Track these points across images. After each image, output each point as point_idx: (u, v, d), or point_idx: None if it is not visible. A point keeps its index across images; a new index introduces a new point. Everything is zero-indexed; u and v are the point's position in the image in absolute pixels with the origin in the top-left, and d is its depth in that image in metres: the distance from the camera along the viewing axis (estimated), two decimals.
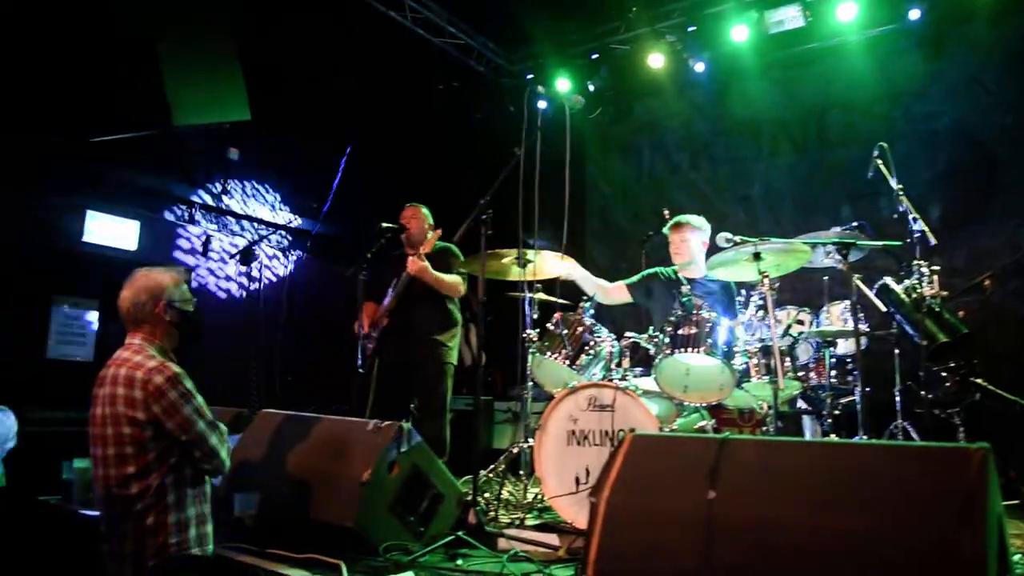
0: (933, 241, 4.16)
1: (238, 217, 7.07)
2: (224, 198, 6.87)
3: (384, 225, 4.80)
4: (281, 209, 7.45)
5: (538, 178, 3.67)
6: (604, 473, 2.25)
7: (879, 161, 4.36)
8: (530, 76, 8.00)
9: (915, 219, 4.20)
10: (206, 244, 6.58)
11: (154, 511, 2.60)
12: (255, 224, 7.21)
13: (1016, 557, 3.08)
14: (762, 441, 2.22)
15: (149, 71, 5.41)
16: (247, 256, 6.64)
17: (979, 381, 5.18)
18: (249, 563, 2.91)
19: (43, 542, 3.73)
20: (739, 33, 6.85)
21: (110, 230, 6.03)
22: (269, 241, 7.22)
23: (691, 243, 4.67)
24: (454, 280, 4.70)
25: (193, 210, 6.69)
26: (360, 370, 4.64)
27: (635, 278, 4.87)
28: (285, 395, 7.02)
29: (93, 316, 5.90)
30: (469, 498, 3.46)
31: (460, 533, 3.22)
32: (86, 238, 5.89)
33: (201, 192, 6.70)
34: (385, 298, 4.91)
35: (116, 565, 2.63)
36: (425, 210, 5.01)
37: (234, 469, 3.01)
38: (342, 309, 5.56)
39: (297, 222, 7.54)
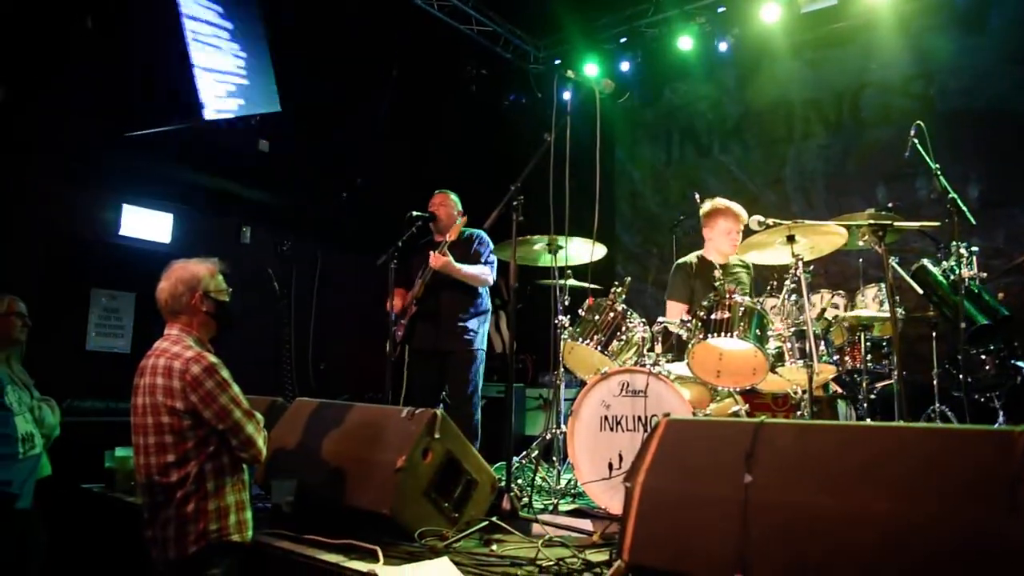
0: (972, 222, 4.06)
1: (270, 207, 7.13)
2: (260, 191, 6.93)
3: (414, 214, 4.82)
4: (313, 198, 7.50)
5: (568, 164, 3.65)
6: (639, 457, 2.25)
7: (916, 141, 4.26)
8: (558, 61, 7.96)
9: (953, 199, 4.10)
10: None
11: (194, 498, 2.65)
12: (290, 214, 7.27)
13: None
14: (799, 425, 2.19)
15: (179, 65, 5.49)
16: (281, 248, 6.75)
17: (1020, 364, 5.07)
18: (287, 549, 2.96)
19: (88, 529, 3.84)
20: (770, 13, 6.74)
21: (145, 223, 6.14)
22: (301, 230, 7.28)
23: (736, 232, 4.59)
24: (479, 271, 4.69)
25: (226, 202, 6.77)
26: (391, 358, 4.68)
27: (679, 292, 4.67)
28: (319, 383, 7.12)
29: (130, 308, 6.01)
30: (503, 484, 3.48)
31: (494, 518, 3.24)
32: (123, 232, 6.00)
33: (231, 183, 6.76)
34: (414, 286, 4.94)
35: (158, 551, 2.69)
36: (454, 196, 5.02)
37: (271, 457, 3.05)
38: (374, 298, 5.61)
39: (329, 211, 7.58)
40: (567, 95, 4.09)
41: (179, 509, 2.64)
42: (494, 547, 3.01)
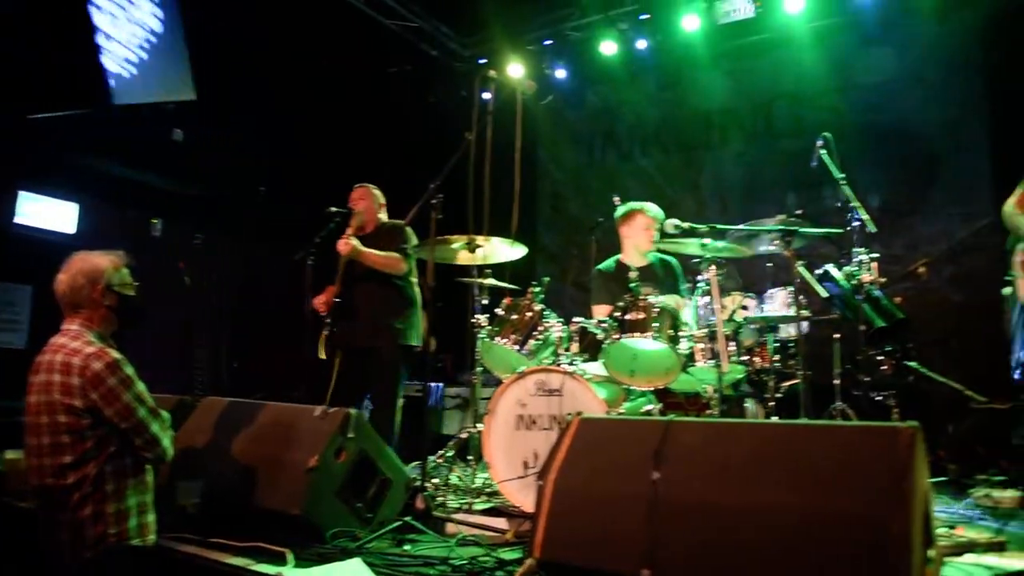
0: (873, 229, 4.27)
1: (186, 200, 6.89)
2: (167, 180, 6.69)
3: (332, 209, 4.73)
4: (229, 191, 7.28)
5: (489, 164, 3.65)
6: (551, 456, 2.27)
7: (823, 151, 4.45)
8: (483, 61, 7.95)
9: (856, 208, 4.29)
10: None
11: (92, 501, 2.54)
12: (203, 207, 7.03)
13: (941, 531, 3.22)
14: (705, 423, 2.26)
15: (91, 47, 5.24)
16: (193, 242, 6.53)
17: (913, 364, 5.37)
18: (192, 553, 2.87)
19: None
20: (690, 22, 6.91)
21: (46, 212, 5.83)
22: (217, 224, 7.06)
23: (655, 229, 4.70)
24: (387, 256, 4.60)
25: (137, 193, 6.51)
26: (321, 356, 4.58)
27: (601, 295, 4.77)
28: (232, 382, 6.93)
29: (27, 301, 5.70)
30: (417, 484, 3.46)
31: (408, 518, 3.22)
32: (19, 220, 5.68)
33: (142, 173, 6.50)
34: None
35: (53, 556, 2.57)
36: (375, 191, 4.94)
37: (177, 457, 2.96)
38: (293, 296, 5.48)
39: (246, 204, 7.38)
40: (489, 95, 4.08)
41: (75, 513, 2.53)
42: (407, 547, 3.00)
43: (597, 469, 2.17)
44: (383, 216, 4.88)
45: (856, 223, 4.50)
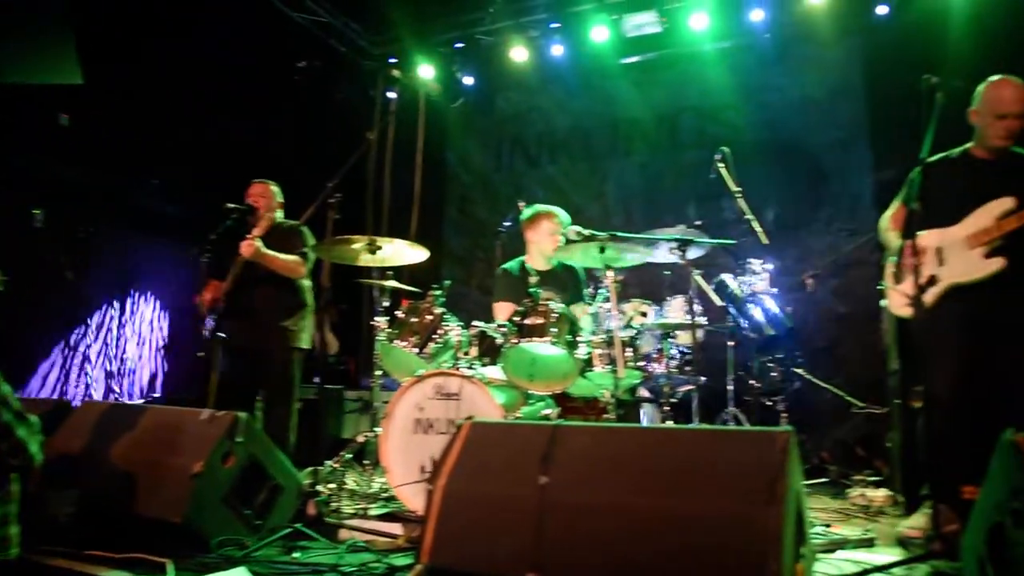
0: (765, 241, 4.44)
1: (71, 189, 6.51)
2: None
3: (230, 205, 4.58)
4: (120, 182, 6.92)
5: (389, 164, 3.61)
6: (441, 460, 2.26)
7: (721, 165, 4.61)
8: (393, 60, 7.84)
9: (750, 220, 4.46)
10: None
11: None
12: (93, 198, 6.66)
13: (819, 529, 3.38)
14: (592, 427, 2.30)
15: None
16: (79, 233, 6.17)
17: (800, 371, 5.62)
18: (63, 567, 2.70)
19: None
20: (599, 33, 7.03)
21: None
22: (106, 216, 6.70)
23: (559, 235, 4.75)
24: (291, 260, 4.51)
25: (17, 180, 6.10)
26: (200, 355, 4.42)
27: (502, 293, 4.81)
28: (120, 384, 6.59)
29: None
30: (309, 489, 3.37)
31: (298, 525, 3.14)
32: None
33: (23, 158, 6.11)
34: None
35: None
36: (275, 187, 4.81)
37: (50, 464, 2.78)
38: (188, 293, 5.26)
39: (138, 196, 7.03)
40: (393, 95, 4.05)
41: None
42: (296, 554, 2.92)
43: (486, 473, 2.17)
44: (280, 215, 4.75)
45: (750, 235, 4.68)
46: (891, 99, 6.18)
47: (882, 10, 6.40)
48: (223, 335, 4.49)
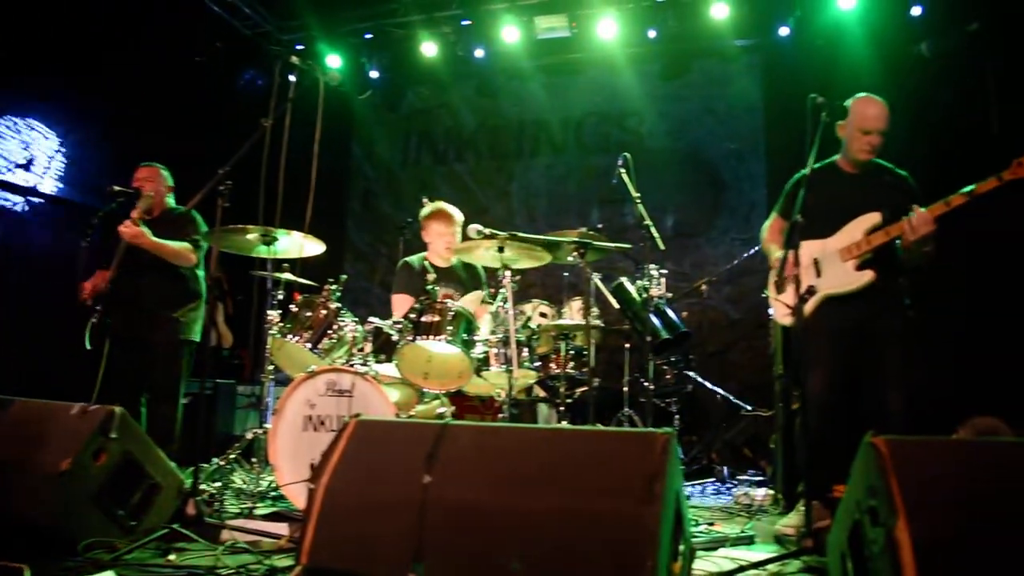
0: (661, 247, 4.55)
1: None
2: None
3: (115, 188, 4.34)
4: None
5: (285, 154, 3.51)
6: (325, 458, 2.21)
7: (622, 170, 4.69)
8: (300, 47, 7.64)
9: (648, 226, 4.56)
10: None
11: None
12: None
13: (701, 527, 3.49)
14: (479, 427, 2.29)
15: None
16: None
17: (691, 374, 5.81)
18: None
19: None
20: (510, 34, 7.05)
21: None
22: None
23: (458, 235, 4.75)
24: (180, 247, 4.32)
25: None
26: (88, 346, 4.18)
27: (402, 284, 4.79)
28: None
29: None
30: (189, 488, 3.23)
31: (175, 526, 3.00)
32: None
33: None
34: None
35: None
36: (164, 171, 4.59)
37: None
38: (68, 280, 4.95)
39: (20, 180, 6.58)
40: (293, 80, 3.92)
41: None
42: (172, 556, 2.78)
43: (370, 472, 2.13)
44: (171, 200, 4.55)
45: (648, 240, 4.78)
46: (786, 115, 6.46)
47: (784, 31, 6.68)
48: (105, 324, 4.26)
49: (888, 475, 1.71)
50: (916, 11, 6.23)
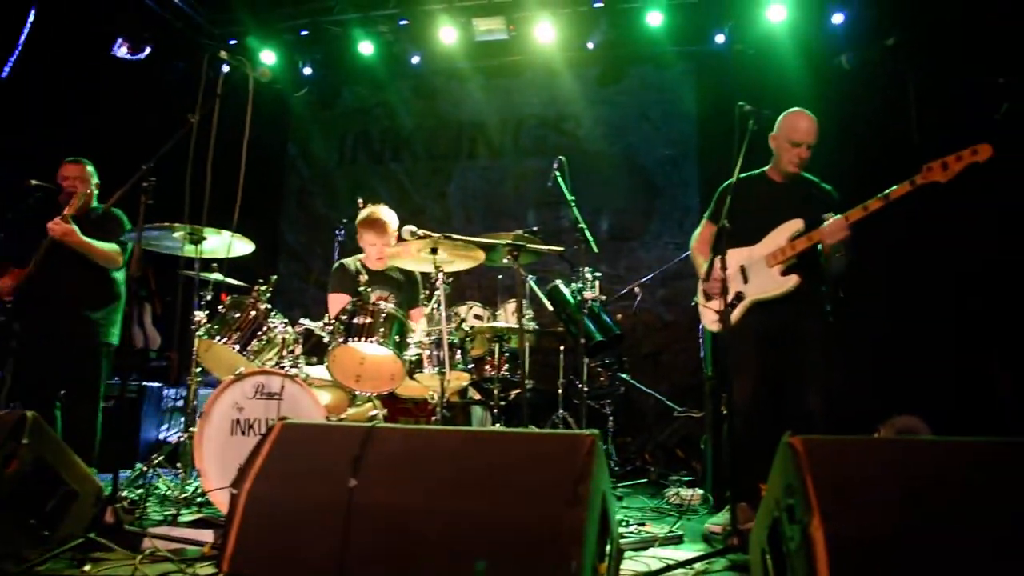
0: (595, 250, 4.59)
1: None
2: None
3: (34, 183, 4.17)
4: None
5: (212, 151, 3.42)
6: (248, 463, 2.16)
7: (557, 173, 4.72)
8: (233, 42, 7.46)
9: (582, 229, 4.60)
10: None
11: None
12: None
13: (632, 527, 3.54)
14: (407, 429, 2.27)
15: None
16: None
17: (625, 376, 5.88)
18: None
19: None
20: (448, 35, 7.02)
21: None
22: None
23: (392, 243, 4.70)
24: (108, 248, 4.19)
25: None
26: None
27: (337, 284, 4.73)
28: None
29: None
30: (108, 495, 3.12)
31: (92, 535, 2.88)
32: None
33: None
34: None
35: None
36: (90, 167, 4.43)
37: None
38: None
39: None
40: (223, 76, 3.83)
41: None
42: (88, 567, 2.68)
43: (295, 477, 2.09)
44: (95, 198, 4.39)
45: (582, 243, 4.82)
46: (719, 122, 6.61)
47: (718, 39, 6.82)
48: (17, 324, 4.09)
49: (804, 474, 1.76)
50: (838, 19, 6.43)
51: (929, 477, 1.84)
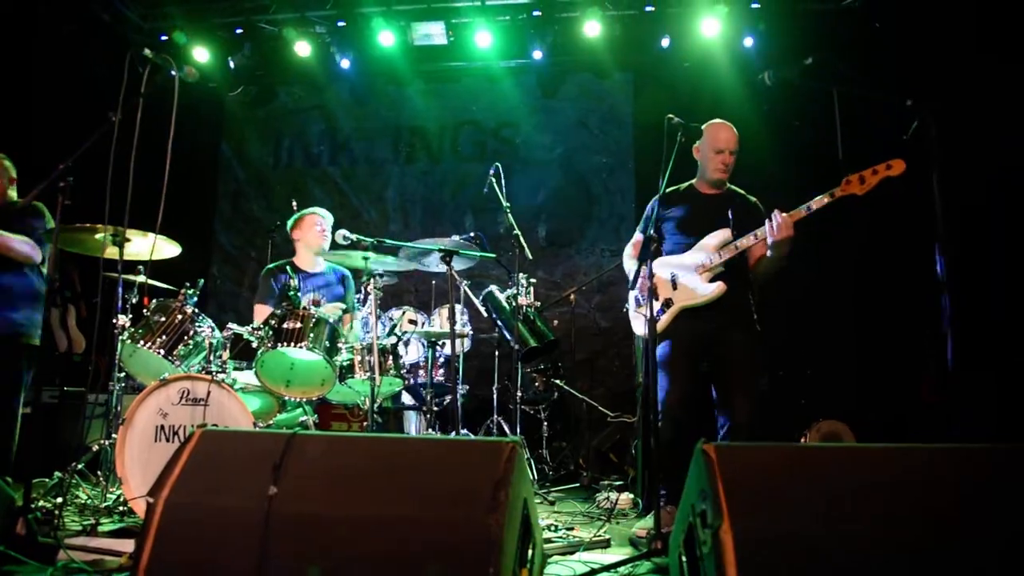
0: (529, 256, 4.63)
1: None
2: None
3: None
4: None
5: (135, 149, 3.33)
6: (166, 471, 2.11)
7: (493, 179, 4.75)
8: (164, 38, 7.26)
9: (517, 235, 4.64)
10: None
11: None
12: None
13: (561, 532, 3.58)
14: (329, 436, 2.26)
15: None
16: None
17: (558, 382, 5.94)
18: None
19: None
20: (386, 38, 6.99)
21: None
22: None
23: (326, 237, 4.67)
24: (25, 242, 4.02)
25: None
26: None
27: (264, 293, 4.68)
28: None
29: None
30: (20, 505, 3.00)
31: (1, 548, 2.77)
32: None
33: None
34: None
35: None
36: (7, 161, 4.26)
37: None
38: None
39: None
40: (146, 72, 3.72)
41: None
42: None
43: (216, 485, 2.05)
44: (13, 193, 4.23)
45: (517, 249, 4.86)
46: (655, 132, 6.71)
47: (657, 48, 6.93)
48: None
49: (716, 479, 1.81)
50: (748, 42, 6.63)
51: (841, 482, 1.90)
